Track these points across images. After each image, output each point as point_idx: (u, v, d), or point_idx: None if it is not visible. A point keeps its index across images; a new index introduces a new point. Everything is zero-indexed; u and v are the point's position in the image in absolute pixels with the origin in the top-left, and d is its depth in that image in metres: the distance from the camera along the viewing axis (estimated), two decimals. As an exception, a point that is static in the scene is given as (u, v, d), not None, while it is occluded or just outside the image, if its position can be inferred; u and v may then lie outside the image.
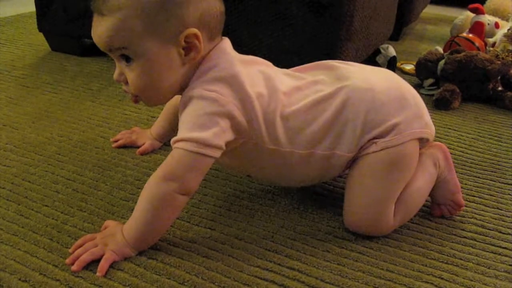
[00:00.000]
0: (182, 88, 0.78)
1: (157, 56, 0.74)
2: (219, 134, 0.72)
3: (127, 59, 0.75)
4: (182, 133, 0.73)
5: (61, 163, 1.00)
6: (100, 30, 0.73)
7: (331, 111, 0.79)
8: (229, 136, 0.75)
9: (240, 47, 0.84)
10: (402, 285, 0.74)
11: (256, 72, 0.80)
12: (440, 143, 0.91)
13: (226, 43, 0.80)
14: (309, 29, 1.29)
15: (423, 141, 0.84)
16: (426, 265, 0.78)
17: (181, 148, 0.72)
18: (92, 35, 0.75)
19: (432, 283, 0.75)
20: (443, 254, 0.81)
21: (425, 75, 1.59)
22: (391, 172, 0.81)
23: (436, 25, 2.57)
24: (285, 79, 0.83)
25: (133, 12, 0.71)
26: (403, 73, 1.74)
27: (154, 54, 0.73)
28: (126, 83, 0.77)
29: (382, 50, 1.65)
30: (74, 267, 0.71)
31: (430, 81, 1.57)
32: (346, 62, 0.88)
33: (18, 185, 0.91)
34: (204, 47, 0.76)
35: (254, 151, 0.80)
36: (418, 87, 1.60)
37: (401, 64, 1.78)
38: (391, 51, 1.66)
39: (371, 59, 1.63)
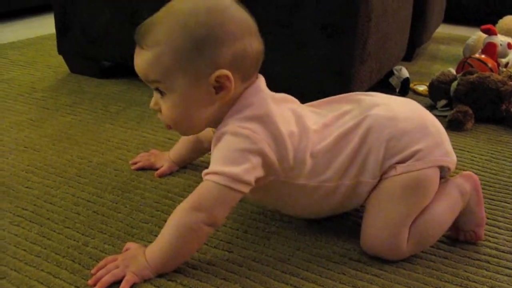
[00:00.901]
0: (214, 123, 0.81)
1: (187, 93, 0.77)
2: (250, 171, 0.75)
3: (161, 91, 0.78)
4: (213, 166, 0.76)
5: (81, 185, 1.02)
6: (139, 62, 0.78)
7: (355, 142, 0.81)
8: (259, 173, 0.77)
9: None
10: (416, 308, 0.75)
11: (287, 111, 0.82)
12: (472, 173, 0.90)
13: (261, 81, 0.82)
14: (322, 52, 1.31)
15: (444, 170, 0.85)
16: (440, 288, 0.79)
17: (211, 180, 0.75)
18: (134, 64, 0.79)
19: (446, 306, 0.75)
20: (457, 277, 0.82)
21: (438, 96, 1.60)
22: (408, 196, 0.82)
23: (449, 45, 2.57)
24: (312, 116, 0.85)
25: (167, 49, 0.75)
26: (416, 94, 1.75)
27: (185, 91, 0.77)
28: (161, 111, 0.81)
29: (395, 72, 1.67)
30: (96, 289, 0.73)
31: (443, 102, 1.58)
32: (369, 93, 0.90)
33: (40, 207, 0.94)
34: (237, 87, 0.78)
35: (282, 187, 0.83)
36: (431, 108, 1.61)
37: (414, 85, 1.79)
38: (404, 72, 1.67)
39: (384, 81, 1.64)
